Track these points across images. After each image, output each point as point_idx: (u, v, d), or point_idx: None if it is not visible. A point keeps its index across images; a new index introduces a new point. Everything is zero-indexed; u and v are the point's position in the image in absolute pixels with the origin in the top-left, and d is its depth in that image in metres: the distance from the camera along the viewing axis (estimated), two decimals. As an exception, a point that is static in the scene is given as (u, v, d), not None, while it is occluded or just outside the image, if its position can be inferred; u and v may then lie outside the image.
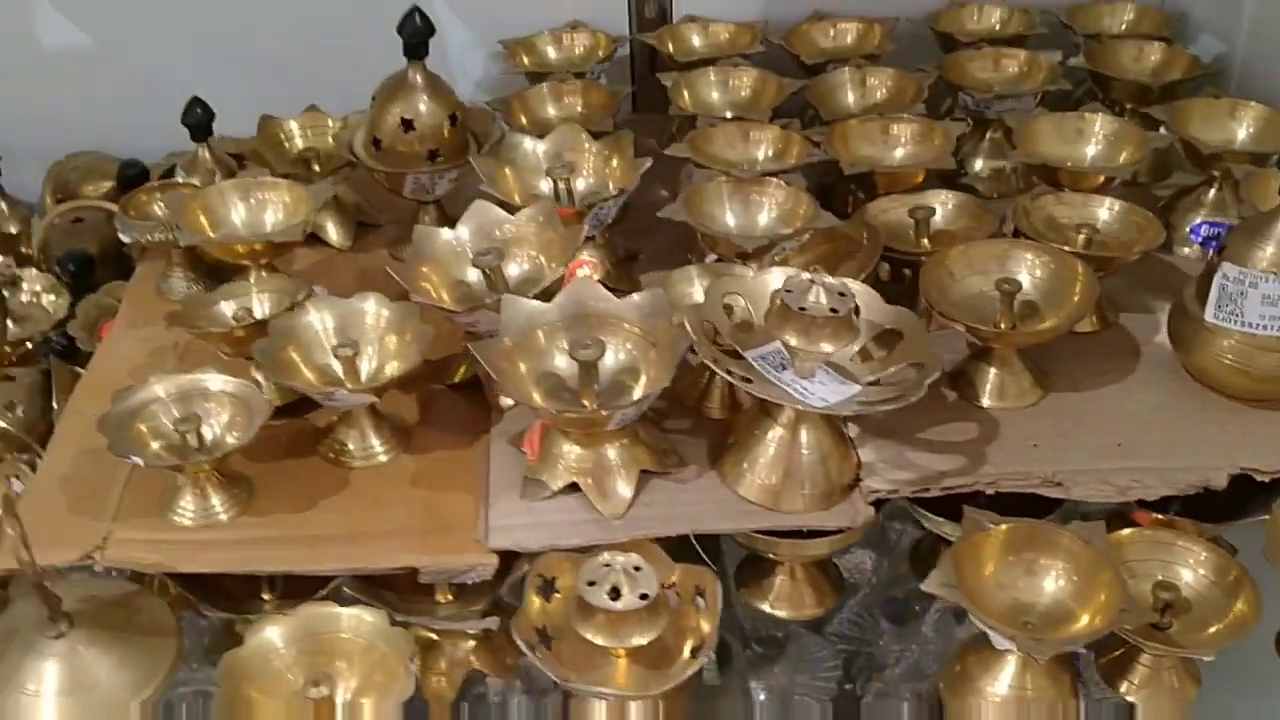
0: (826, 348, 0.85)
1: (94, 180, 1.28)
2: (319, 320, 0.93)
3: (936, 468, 0.91)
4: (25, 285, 1.13)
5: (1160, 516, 0.94)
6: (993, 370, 0.97)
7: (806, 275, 0.86)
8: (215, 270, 1.09)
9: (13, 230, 1.28)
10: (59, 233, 1.20)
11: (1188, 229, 1.14)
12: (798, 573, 0.98)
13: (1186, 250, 1.14)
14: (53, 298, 1.13)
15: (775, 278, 0.90)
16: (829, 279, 0.85)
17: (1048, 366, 0.99)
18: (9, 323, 1.10)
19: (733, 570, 1.01)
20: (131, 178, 1.21)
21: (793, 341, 0.85)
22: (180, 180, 1.12)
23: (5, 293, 1.10)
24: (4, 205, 1.29)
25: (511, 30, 1.33)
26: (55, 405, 0.99)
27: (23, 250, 1.25)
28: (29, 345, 1.11)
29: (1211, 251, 1.13)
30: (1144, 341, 1.04)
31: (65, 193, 1.27)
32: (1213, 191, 1.14)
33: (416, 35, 1.06)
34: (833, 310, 0.84)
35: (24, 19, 1.29)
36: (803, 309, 0.84)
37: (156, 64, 1.32)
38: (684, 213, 1.01)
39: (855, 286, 0.88)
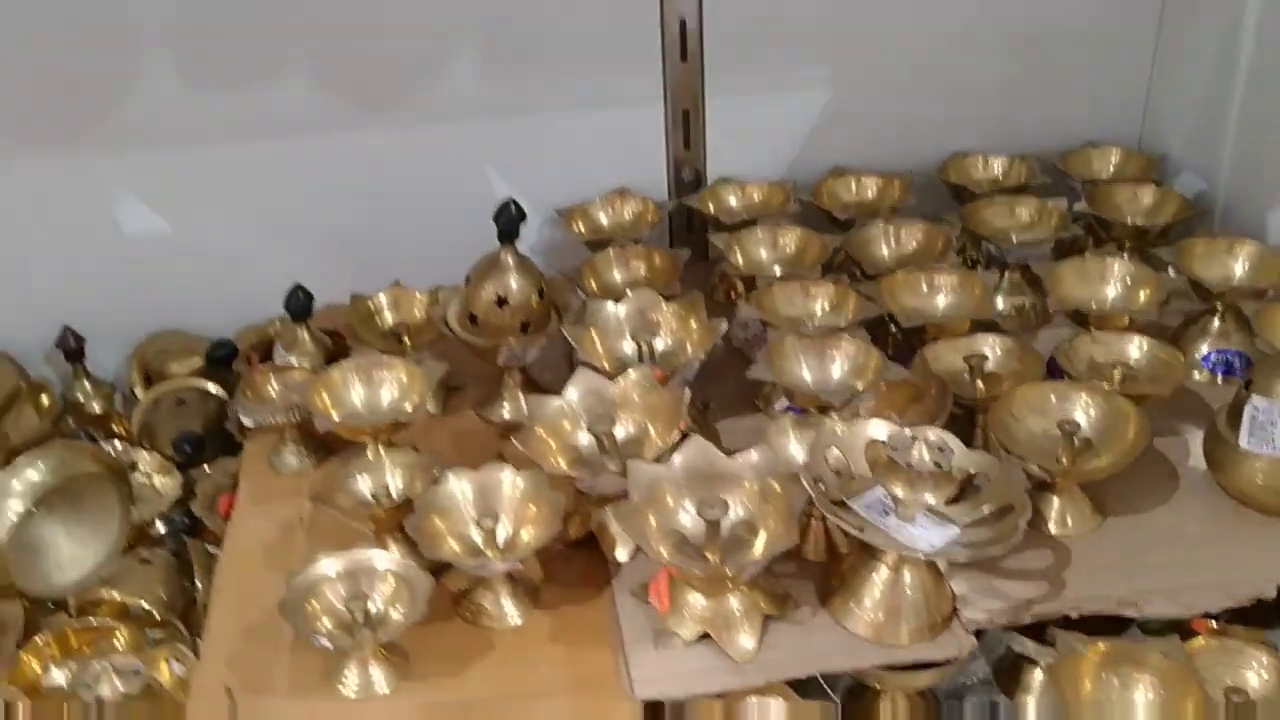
0: (929, 498, 0.95)
1: (180, 358, 1.35)
2: (459, 491, 1.01)
3: (1024, 596, 1.01)
4: (140, 467, 1.19)
5: (1215, 625, 1.06)
6: (1056, 500, 1.08)
7: (909, 432, 0.97)
8: (325, 443, 1.17)
9: (97, 409, 1.34)
10: (161, 413, 1.27)
11: (1199, 357, 1.27)
12: (899, 700, 1.06)
13: (1197, 375, 1.27)
14: (163, 478, 1.19)
15: (872, 429, 1.01)
16: (930, 435, 0.96)
17: (1099, 492, 1.11)
18: (127, 506, 1.15)
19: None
20: (221, 357, 1.28)
21: (899, 493, 0.95)
22: (294, 363, 1.19)
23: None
24: (89, 385, 1.35)
25: (562, 197, 1.44)
26: (198, 584, 1.05)
27: (114, 428, 1.31)
28: (145, 528, 1.16)
29: (1221, 375, 1.28)
30: (1179, 464, 1.16)
31: (152, 372, 1.33)
32: (1216, 321, 1.27)
33: (511, 223, 1.17)
34: (936, 465, 0.95)
35: (107, 208, 1.37)
36: (909, 464, 0.95)
37: (229, 243, 1.41)
38: (768, 373, 1.12)
39: (948, 438, 0.98)
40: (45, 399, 1.26)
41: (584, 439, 1.08)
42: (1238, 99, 1.42)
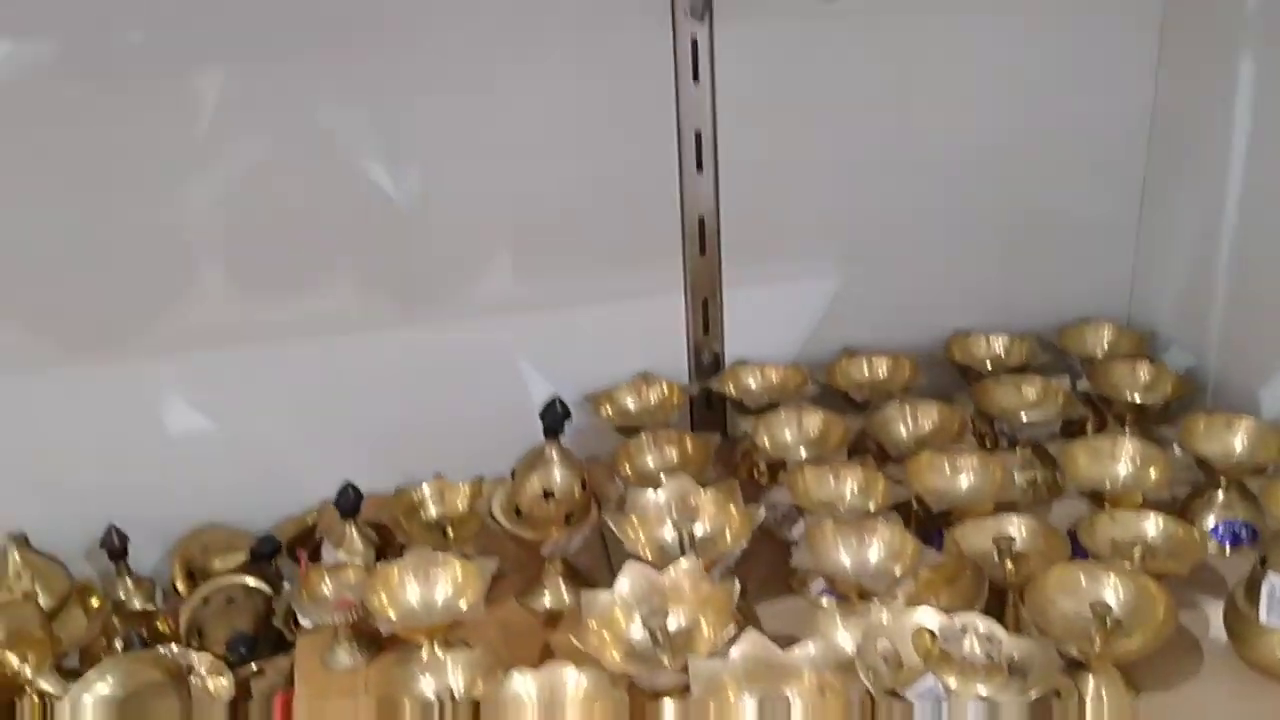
0: (981, 688, 1.00)
1: (222, 555, 1.37)
2: (525, 691, 1.03)
3: (1070, 778, 1.05)
4: (194, 668, 1.20)
5: (1252, 796, 1.10)
6: (1091, 679, 1.12)
7: (958, 623, 1.01)
8: (377, 639, 1.19)
9: (138, 606, 1.36)
10: (210, 611, 1.28)
11: (1207, 528, 1.33)
12: None
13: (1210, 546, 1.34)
14: (216, 678, 1.20)
15: (919, 617, 1.05)
16: (979, 625, 1.00)
17: (1129, 668, 1.15)
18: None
19: None
20: (266, 553, 1.31)
21: (952, 684, 0.99)
22: (342, 558, 1.23)
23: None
24: (130, 583, 1.36)
25: (589, 381, 1.50)
26: (262, 793, 1.06)
27: (158, 627, 1.32)
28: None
29: (1229, 546, 1.34)
30: (1201, 636, 1.21)
31: (195, 568, 1.36)
32: (1221, 494, 1.34)
33: (556, 420, 1.22)
34: (988, 656, 0.99)
35: (152, 409, 1.41)
36: (962, 657, 0.99)
37: (270, 439, 1.45)
38: (810, 559, 1.17)
39: (995, 628, 1.03)
40: (94, 600, 1.28)
41: (637, 632, 1.12)
42: (1222, 276, 1.51)
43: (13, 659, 1.15)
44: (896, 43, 1.45)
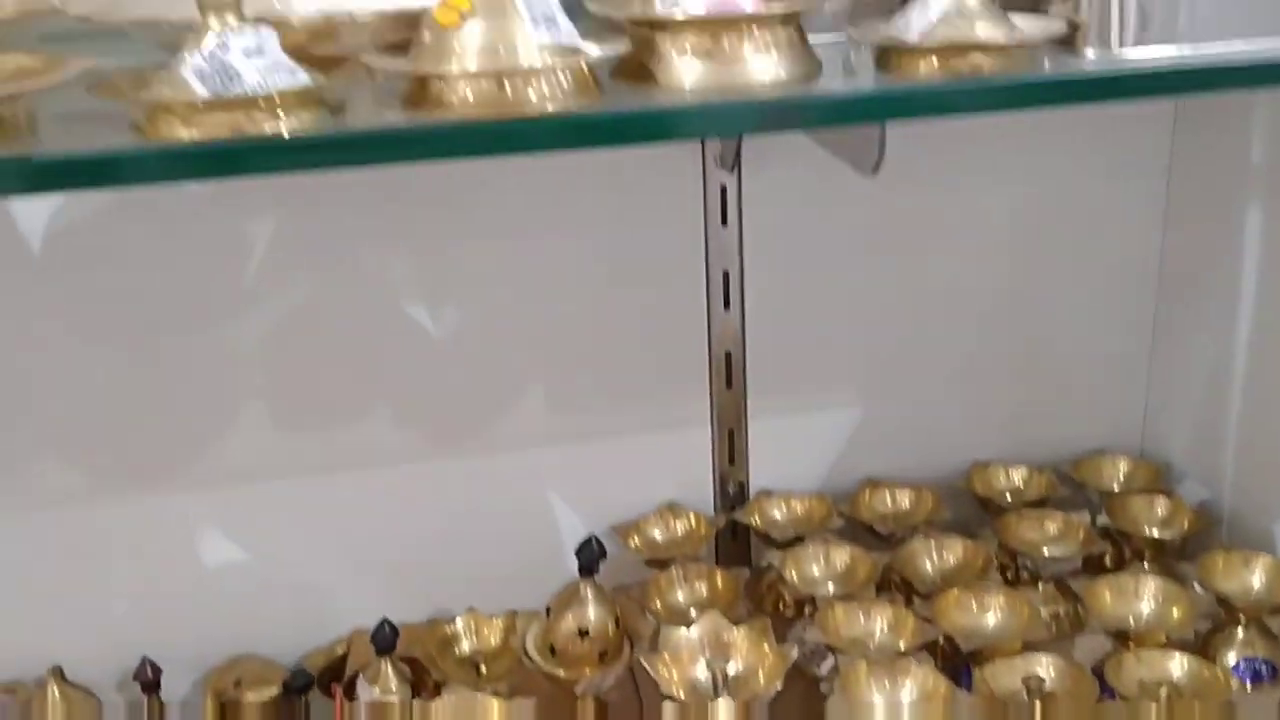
0: (1022, 835, 1.01)
1: (255, 687, 1.37)
2: (567, 843, 1.04)
3: None
4: (230, 807, 1.21)
5: None
6: (1125, 824, 1.14)
7: (997, 774, 1.03)
8: (412, 779, 1.20)
9: (170, 738, 1.36)
10: (245, 747, 1.29)
11: (1228, 665, 1.35)
12: None
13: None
14: (250, 817, 1.21)
15: (955, 768, 1.07)
16: (1017, 777, 1.02)
17: (1161, 812, 1.16)
18: None
19: None
20: (299, 687, 1.31)
21: (993, 834, 1.01)
22: (377, 694, 1.24)
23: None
24: (161, 715, 1.36)
25: (616, 511, 1.53)
26: None
27: (192, 759, 1.32)
28: None
29: (1249, 682, 1.35)
30: (1228, 776, 1.23)
31: (227, 701, 1.36)
32: (1240, 631, 1.36)
33: (591, 559, 1.25)
34: (1027, 805, 1.00)
35: (189, 542, 1.43)
36: (1002, 807, 1.00)
37: (304, 571, 1.47)
38: (844, 704, 1.18)
39: (1031, 777, 1.05)
40: (130, 737, 1.28)
41: (681, 777, 1.13)
42: (1234, 412, 1.55)
43: (49, 800, 1.15)
44: (913, 195, 1.50)
